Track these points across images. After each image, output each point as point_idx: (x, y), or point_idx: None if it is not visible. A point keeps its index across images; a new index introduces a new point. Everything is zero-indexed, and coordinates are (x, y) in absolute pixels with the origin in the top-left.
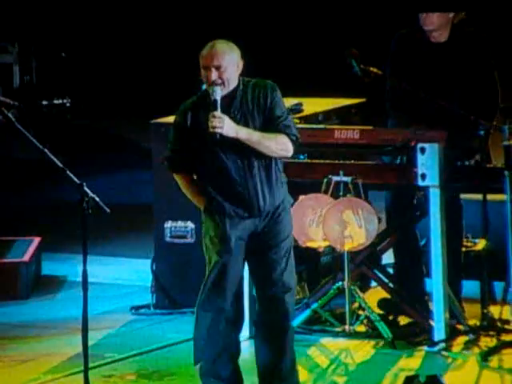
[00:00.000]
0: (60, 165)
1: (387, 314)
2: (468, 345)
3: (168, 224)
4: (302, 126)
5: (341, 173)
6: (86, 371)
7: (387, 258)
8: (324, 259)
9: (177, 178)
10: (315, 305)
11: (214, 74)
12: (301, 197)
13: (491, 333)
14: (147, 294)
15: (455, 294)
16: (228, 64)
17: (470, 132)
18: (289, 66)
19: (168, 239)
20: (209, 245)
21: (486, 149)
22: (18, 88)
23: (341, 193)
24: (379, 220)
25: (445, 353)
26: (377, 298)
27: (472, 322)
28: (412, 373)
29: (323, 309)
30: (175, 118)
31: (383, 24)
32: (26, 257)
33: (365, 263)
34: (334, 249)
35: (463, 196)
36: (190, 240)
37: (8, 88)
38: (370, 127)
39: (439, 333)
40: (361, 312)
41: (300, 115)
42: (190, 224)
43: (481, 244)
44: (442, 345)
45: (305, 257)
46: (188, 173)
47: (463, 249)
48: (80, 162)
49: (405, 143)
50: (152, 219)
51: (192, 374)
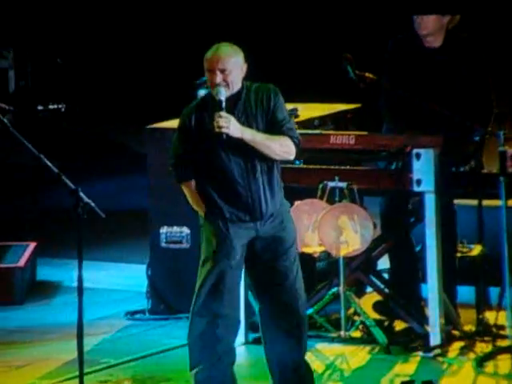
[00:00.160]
0: (55, 170)
1: (382, 318)
2: (463, 350)
3: (163, 229)
4: (298, 132)
5: (336, 178)
6: (82, 377)
7: (382, 264)
8: (319, 265)
9: (183, 186)
10: (311, 310)
11: (219, 77)
12: (296, 202)
13: (486, 338)
14: (142, 300)
15: (450, 300)
16: (233, 67)
17: (465, 138)
18: (284, 72)
19: (163, 244)
20: (208, 249)
21: (481, 155)
22: (14, 93)
23: (336, 198)
24: (374, 226)
25: (440, 358)
26: (372, 304)
27: (467, 328)
28: (407, 378)
29: (319, 314)
30: (179, 122)
31: (378, 29)
32: (22, 262)
33: (360, 269)
34: (330, 254)
35: (459, 202)
36: (186, 245)
37: (3, 93)
38: (366, 133)
39: (435, 338)
40: (356, 318)
41: (296, 120)
42: (186, 229)
43: (476, 249)
44: (438, 350)
45: (300, 262)
46: (192, 178)
47: (459, 254)
48: (75, 167)
49: (400, 149)
50: (147, 224)
51: (187, 380)
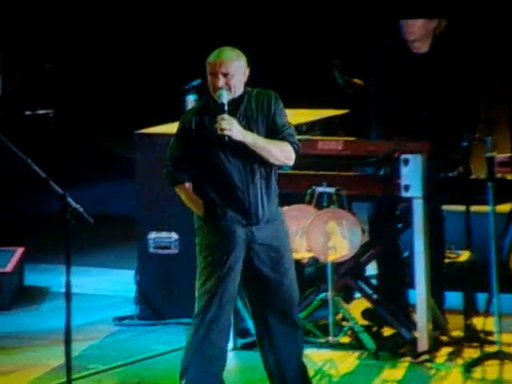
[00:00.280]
0: (43, 175)
1: (371, 323)
2: (451, 356)
3: (152, 235)
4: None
5: (324, 184)
6: (70, 383)
7: (371, 269)
8: (308, 270)
9: (177, 189)
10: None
11: (222, 81)
12: (284, 208)
13: (474, 344)
14: (131, 305)
15: (438, 305)
16: (235, 71)
17: (453, 143)
18: (272, 77)
19: (152, 250)
20: (206, 252)
21: (469, 160)
22: (1, 98)
23: (324, 204)
24: (363, 231)
25: (428, 364)
26: (360, 310)
27: (455, 334)
28: None
29: (307, 320)
30: (179, 125)
31: (366, 35)
32: (9, 267)
33: (348, 274)
34: (318, 260)
35: (447, 207)
36: (174, 251)
37: None
38: (354, 138)
39: (422, 344)
40: (345, 323)
41: None
42: (174, 235)
43: (464, 255)
44: (426, 356)
45: None
46: (188, 181)
47: (447, 260)
48: (63, 173)
49: (388, 154)
50: (136, 230)
51: None
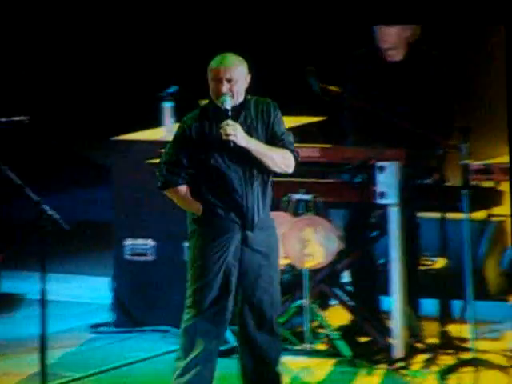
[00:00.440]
0: (19, 181)
1: (347, 330)
2: (427, 363)
3: (128, 242)
4: None
5: (301, 191)
6: None
7: (347, 277)
8: (284, 277)
9: (168, 193)
10: None
11: (225, 87)
12: None
13: (449, 351)
14: (107, 312)
15: (414, 313)
16: (238, 77)
17: (428, 151)
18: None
19: (128, 257)
20: (198, 255)
21: (444, 168)
22: None
23: (301, 211)
24: (339, 238)
25: (404, 371)
26: (337, 316)
27: (431, 341)
28: None
29: (283, 327)
30: (177, 130)
31: (341, 43)
32: None
33: (325, 281)
34: (294, 267)
35: (422, 215)
36: (150, 258)
37: None
38: (330, 145)
39: (398, 351)
40: (321, 330)
41: None
42: (151, 242)
43: (439, 263)
44: (401, 363)
45: None
46: (182, 184)
47: (422, 267)
48: (39, 179)
49: (364, 162)
50: (112, 237)
51: None
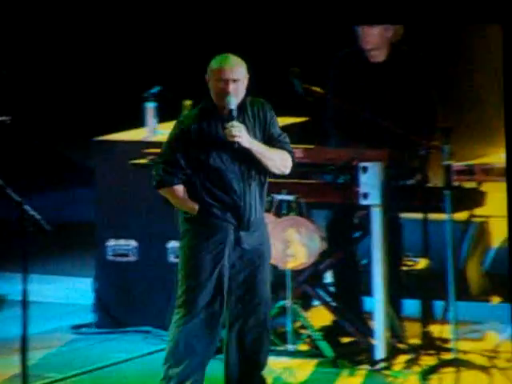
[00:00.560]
0: (0, 182)
1: (329, 331)
2: (408, 363)
3: (110, 242)
4: None
5: (284, 191)
6: None
7: (330, 277)
8: None
9: (163, 192)
10: None
11: (231, 87)
12: None
13: (431, 351)
14: (89, 313)
15: (396, 313)
16: (242, 77)
17: (411, 151)
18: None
19: (110, 257)
20: (191, 254)
21: (427, 168)
22: None
23: (284, 211)
24: (322, 239)
25: (386, 371)
26: (319, 317)
27: (412, 341)
28: None
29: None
30: (175, 129)
31: (325, 44)
32: None
33: (307, 282)
34: (277, 267)
35: (405, 215)
36: (133, 258)
37: None
38: (313, 146)
39: (380, 351)
40: (303, 331)
41: None
42: (133, 242)
43: (421, 263)
44: (383, 363)
45: None
46: (178, 183)
47: (404, 268)
48: (20, 180)
49: (347, 162)
50: (94, 237)
51: None
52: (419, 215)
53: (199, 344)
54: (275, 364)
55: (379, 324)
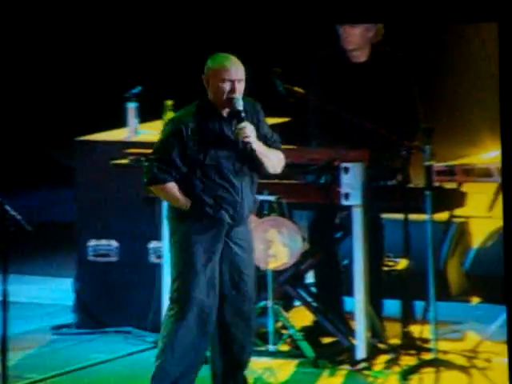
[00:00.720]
0: None
1: (310, 331)
2: (389, 363)
3: (91, 242)
4: None
5: (265, 192)
6: None
7: (311, 278)
8: None
9: (154, 188)
10: None
11: (238, 87)
12: None
13: (411, 352)
14: (69, 314)
15: (376, 313)
16: (244, 78)
17: (392, 152)
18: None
19: (91, 258)
20: (184, 248)
21: (408, 169)
22: None
23: (265, 212)
24: (303, 239)
25: (366, 371)
26: (300, 317)
27: (393, 341)
28: None
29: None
30: (172, 127)
31: (306, 44)
32: None
33: (288, 282)
34: (258, 268)
35: (386, 216)
36: (114, 259)
37: None
38: (295, 147)
39: (361, 351)
40: (284, 331)
41: None
42: (114, 243)
43: (402, 263)
44: (364, 364)
45: None
46: (170, 181)
47: (385, 268)
48: (0, 180)
49: (328, 163)
50: (75, 237)
51: None
52: (400, 216)
53: (195, 339)
54: (256, 364)
55: (360, 324)
